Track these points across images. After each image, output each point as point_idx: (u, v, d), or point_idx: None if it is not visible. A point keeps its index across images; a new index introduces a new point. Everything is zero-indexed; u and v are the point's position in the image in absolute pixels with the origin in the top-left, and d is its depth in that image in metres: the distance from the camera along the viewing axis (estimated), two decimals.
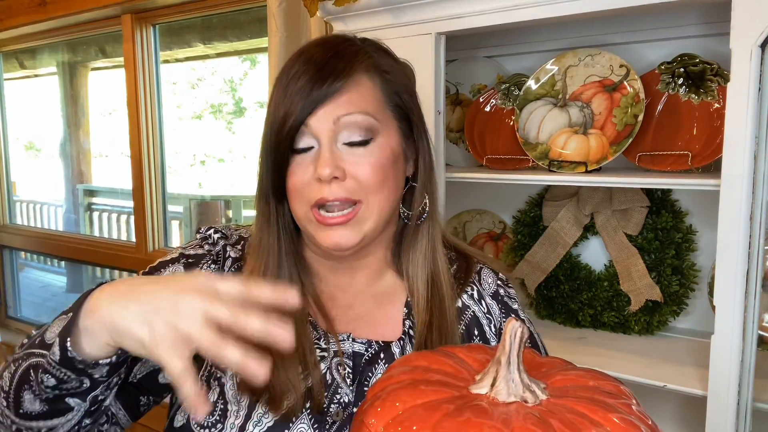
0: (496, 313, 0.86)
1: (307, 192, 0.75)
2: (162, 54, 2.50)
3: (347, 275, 0.84)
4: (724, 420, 1.01)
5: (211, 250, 0.83)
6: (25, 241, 3.18)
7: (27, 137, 3.64)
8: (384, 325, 0.82)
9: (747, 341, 0.98)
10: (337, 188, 0.73)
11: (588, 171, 1.22)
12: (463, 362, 0.59)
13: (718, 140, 1.14)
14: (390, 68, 0.80)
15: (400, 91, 0.80)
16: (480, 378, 0.55)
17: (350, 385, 0.76)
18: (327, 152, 0.73)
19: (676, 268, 1.30)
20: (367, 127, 0.75)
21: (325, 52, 0.75)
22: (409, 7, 1.28)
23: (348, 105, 0.74)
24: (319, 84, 0.73)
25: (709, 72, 1.19)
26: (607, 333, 1.39)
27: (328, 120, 0.73)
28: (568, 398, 0.53)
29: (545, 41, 1.45)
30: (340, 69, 0.74)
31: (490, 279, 0.89)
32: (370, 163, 0.75)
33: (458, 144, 1.61)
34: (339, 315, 0.82)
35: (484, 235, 1.64)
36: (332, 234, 0.75)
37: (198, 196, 3.13)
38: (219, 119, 4.27)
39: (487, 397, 0.53)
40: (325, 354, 0.77)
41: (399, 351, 0.79)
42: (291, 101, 0.73)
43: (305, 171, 0.75)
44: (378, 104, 0.77)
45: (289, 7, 1.67)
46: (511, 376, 0.53)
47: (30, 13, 2.62)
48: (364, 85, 0.76)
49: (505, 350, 0.53)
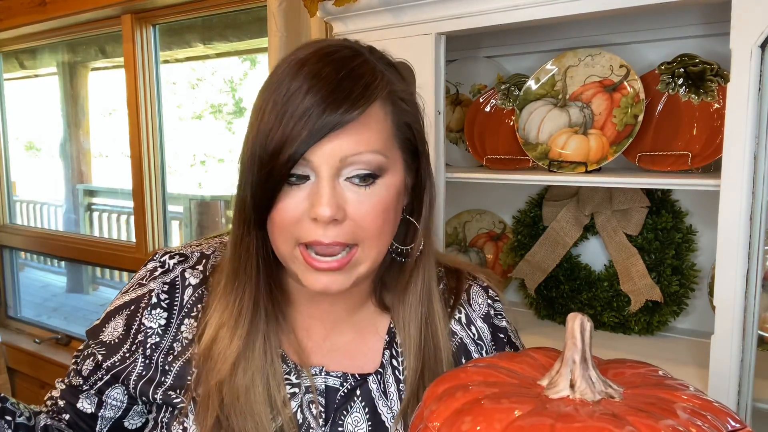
0: (487, 338, 0.81)
1: (296, 230, 0.64)
2: (162, 54, 2.50)
3: (326, 304, 0.77)
4: None
5: (153, 289, 0.75)
6: (25, 241, 3.18)
7: (27, 137, 3.63)
8: (363, 356, 0.77)
9: (747, 341, 0.98)
10: (334, 231, 0.63)
11: (588, 171, 1.22)
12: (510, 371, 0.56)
13: (718, 140, 1.14)
14: (405, 95, 0.71)
15: (411, 122, 0.71)
16: (549, 382, 0.51)
17: (323, 426, 0.71)
18: (328, 189, 0.63)
19: (676, 268, 1.30)
20: (376, 167, 0.65)
21: (337, 70, 0.63)
22: (409, 7, 1.28)
23: (358, 142, 0.63)
24: (330, 111, 0.61)
25: (709, 72, 1.19)
26: (607, 333, 1.39)
27: (335, 157, 0.63)
28: (639, 387, 0.51)
29: (545, 41, 1.45)
30: (356, 96, 0.62)
31: (480, 299, 0.83)
32: (374, 205, 0.65)
33: (458, 144, 1.61)
34: (313, 346, 0.76)
35: (484, 235, 1.64)
36: (322, 278, 0.66)
37: (198, 196, 3.13)
38: (219, 119, 4.27)
39: (573, 400, 0.49)
40: (296, 390, 0.71)
41: (377, 386, 0.74)
42: (292, 126, 0.61)
43: (297, 206, 0.64)
44: (388, 139, 0.67)
45: (289, 7, 1.67)
46: (589, 373, 0.50)
47: (30, 13, 2.62)
48: (376, 117, 0.65)
49: (577, 347, 0.50)
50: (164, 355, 0.75)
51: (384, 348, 0.77)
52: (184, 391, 0.73)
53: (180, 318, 0.76)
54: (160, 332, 0.75)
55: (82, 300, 3.59)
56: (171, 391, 0.73)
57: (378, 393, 0.75)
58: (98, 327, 0.79)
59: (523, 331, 1.40)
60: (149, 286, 0.76)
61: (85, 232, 3.75)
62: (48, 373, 2.82)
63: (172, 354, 0.75)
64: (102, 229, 3.94)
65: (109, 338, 0.77)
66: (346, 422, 0.72)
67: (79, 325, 3.12)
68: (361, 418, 0.73)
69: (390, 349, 0.77)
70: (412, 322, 0.75)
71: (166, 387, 0.74)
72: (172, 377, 0.74)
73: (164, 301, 0.76)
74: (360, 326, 0.79)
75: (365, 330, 0.79)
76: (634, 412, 0.46)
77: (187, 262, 0.78)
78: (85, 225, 3.78)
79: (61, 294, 3.67)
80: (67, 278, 3.74)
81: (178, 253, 0.79)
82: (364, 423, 0.73)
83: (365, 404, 0.74)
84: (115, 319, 0.77)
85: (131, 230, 3.17)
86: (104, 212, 3.94)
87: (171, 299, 0.76)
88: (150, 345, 0.75)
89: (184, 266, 0.78)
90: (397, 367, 0.76)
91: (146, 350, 0.74)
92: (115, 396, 0.77)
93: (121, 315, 0.77)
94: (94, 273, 3.79)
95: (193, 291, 0.77)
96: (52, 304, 3.54)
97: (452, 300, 0.81)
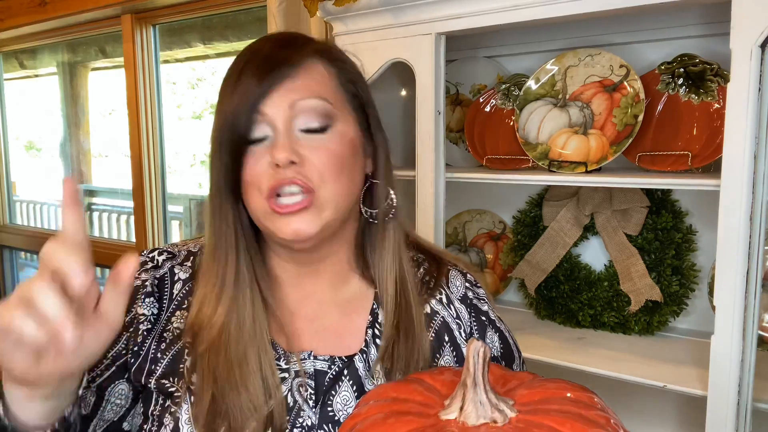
0: (465, 318, 0.84)
1: (262, 181, 0.70)
2: (162, 54, 2.50)
3: (310, 280, 0.80)
4: (724, 420, 1.01)
5: (146, 280, 0.77)
6: (25, 241, 3.18)
7: (27, 137, 3.63)
8: (350, 336, 0.79)
9: (747, 341, 0.98)
10: (293, 173, 0.69)
11: (588, 171, 1.22)
12: (432, 388, 0.58)
13: (718, 140, 1.14)
14: (343, 57, 0.78)
15: (356, 80, 0.78)
16: (449, 403, 0.54)
17: (313, 407, 0.73)
18: (284, 138, 0.70)
19: (676, 268, 1.30)
20: (324, 113, 0.72)
21: (273, 45, 0.73)
22: (409, 7, 1.28)
23: (303, 90, 0.71)
24: (270, 69, 0.70)
25: (709, 72, 1.19)
26: (607, 333, 1.39)
27: (284, 105, 0.70)
28: (538, 414, 0.52)
29: (545, 41, 1.45)
30: (290, 55, 0.71)
31: (458, 282, 0.86)
32: (329, 150, 0.71)
33: (458, 144, 1.61)
34: (301, 328, 0.78)
35: (484, 235, 1.64)
36: (291, 221, 0.70)
37: (198, 196, 3.13)
38: None
39: (457, 422, 0.52)
40: (285, 375, 0.73)
41: (363, 365, 0.76)
42: (242, 90, 0.70)
43: (260, 159, 0.71)
44: (334, 92, 0.74)
45: (289, 7, 1.67)
46: (479, 397, 0.52)
47: (30, 13, 2.62)
48: (318, 71, 0.74)
49: (470, 372, 0.52)
50: (156, 342, 0.75)
51: (367, 327, 0.80)
52: (178, 379, 0.73)
53: (171, 310, 0.77)
54: (152, 320, 0.76)
55: None
56: (164, 379, 0.73)
57: (364, 372, 0.76)
58: None
59: (523, 331, 1.41)
60: (142, 277, 0.77)
61: None
62: None
63: (165, 342, 0.75)
64: (102, 229, 3.95)
65: None
66: (335, 402, 0.74)
67: None
68: (350, 396, 0.75)
69: (373, 329, 0.79)
70: (389, 280, 0.79)
71: (158, 375, 0.73)
72: (163, 366, 0.74)
73: (155, 293, 0.77)
74: (345, 306, 0.81)
75: (350, 309, 0.81)
76: None
77: (175, 259, 0.80)
78: (85, 225, 3.78)
79: None
80: None
81: (165, 251, 0.81)
82: (353, 401, 0.75)
83: (353, 383, 0.76)
84: None
85: (131, 230, 3.17)
86: (104, 212, 3.94)
87: (161, 292, 0.78)
88: (142, 332, 0.75)
89: (172, 263, 0.80)
90: (379, 345, 0.78)
91: (138, 337, 0.74)
92: (120, 393, 0.75)
93: None
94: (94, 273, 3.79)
95: (182, 285, 0.78)
96: None
97: (432, 282, 0.85)
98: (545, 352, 1.27)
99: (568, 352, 1.28)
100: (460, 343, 0.82)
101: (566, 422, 0.49)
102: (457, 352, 0.82)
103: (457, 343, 0.82)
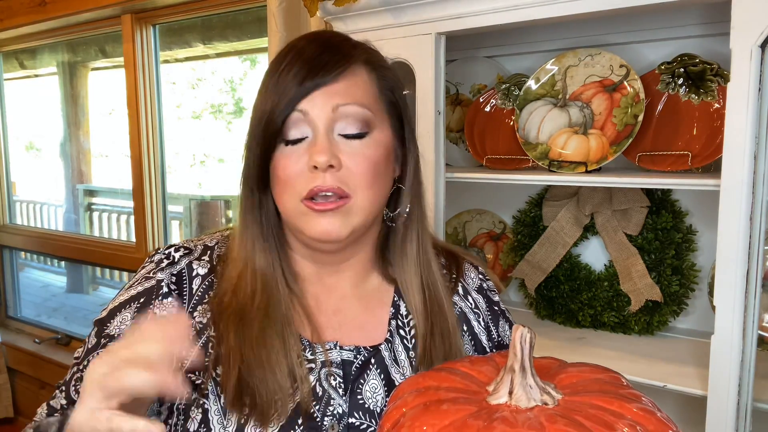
0: (483, 307, 0.86)
1: (299, 182, 0.72)
2: (162, 54, 2.50)
3: (333, 277, 0.82)
4: (724, 420, 1.01)
5: (162, 279, 0.77)
6: (25, 241, 3.18)
7: (27, 137, 3.63)
8: (373, 329, 0.80)
9: (747, 341, 0.98)
10: (331, 178, 0.71)
11: (588, 171, 1.22)
12: (468, 376, 0.60)
13: (718, 140, 1.14)
14: (385, 64, 0.80)
15: (395, 88, 0.79)
16: (494, 388, 0.55)
17: (343, 395, 0.74)
18: (324, 140, 0.71)
19: (676, 268, 1.30)
20: (364, 120, 0.73)
21: (319, 47, 0.74)
22: (409, 7, 1.28)
23: (345, 95, 0.72)
24: (314, 73, 0.71)
25: (709, 72, 1.19)
26: (607, 333, 1.39)
27: (326, 107, 0.71)
28: (581, 394, 0.53)
29: (545, 41, 1.45)
30: (336, 60, 0.72)
31: (473, 273, 0.89)
32: (366, 157, 0.72)
33: (458, 144, 1.61)
34: (325, 321, 0.79)
35: (484, 235, 1.64)
36: (322, 221, 0.72)
37: (198, 196, 3.13)
38: (219, 119, 4.27)
39: (508, 406, 0.53)
40: (312, 365, 0.74)
41: (389, 354, 0.78)
42: (283, 88, 0.71)
43: (298, 161, 0.72)
44: (373, 98, 0.75)
45: (289, 7, 1.67)
46: (527, 381, 0.53)
47: (30, 13, 2.62)
48: (361, 78, 0.75)
49: (517, 357, 0.53)
50: None
51: (390, 318, 0.81)
52: (204, 372, 0.74)
53: (192, 305, 0.77)
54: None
55: (82, 300, 3.59)
56: (190, 374, 0.73)
57: (390, 361, 0.78)
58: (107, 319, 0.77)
59: None
60: (157, 277, 0.77)
61: (85, 232, 3.76)
62: (48, 373, 2.82)
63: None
64: (102, 229, 3.95)
65: (116, 332, 0.75)
66: (364, 390, 0.75)
67: (79, 325, 3.12)
68: (378, 384, 0.76)
69: (396, 320, 0.81)
70: (413, 286, 0.80)
71: (184, 370, 0.73)
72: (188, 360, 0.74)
73: (174, 291, 0.77)
74: (367, 299, 0.82)
75: (372, 302, 0.82)
76: (558, 420, 0.49)
77: (192, 255, 0.80)
78: (85, 225, 3.78)
79: (61, 294, 3.68)
80: (67, 278, 3.75)
81: (182, 247, 0.81)
82: (381, 389, 0.76)
83: (380, 372, 0.77)
84: (122, 314, 0.76)
85: (131, 230, 3.17)
86: (104, 212, 3.94)
87: (180, 290, 0.77)
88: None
89: (189, 258, 0.80)
90: (404, 336, 0.80)
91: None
92: None
93: (128, 308, 0.76)
94: (94, 273, 3.80)
95: (202, 280, 0.78)
96: (52, 304, 3.54)
97: (452, 276, 0.87)
98: (545, 352, 1.25)
99: (568, 351, 1.28)
100: (477, 332, 0.84)
101: (613, 401, 0.51)
102: (475, 341, 0.84)
103: (474, 332, 0.84)
